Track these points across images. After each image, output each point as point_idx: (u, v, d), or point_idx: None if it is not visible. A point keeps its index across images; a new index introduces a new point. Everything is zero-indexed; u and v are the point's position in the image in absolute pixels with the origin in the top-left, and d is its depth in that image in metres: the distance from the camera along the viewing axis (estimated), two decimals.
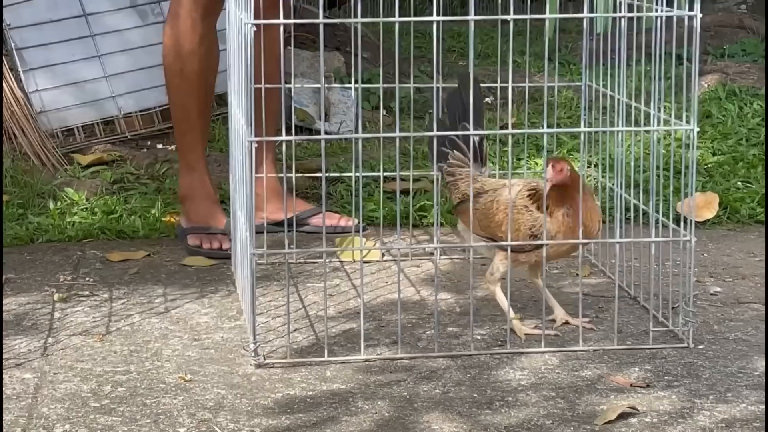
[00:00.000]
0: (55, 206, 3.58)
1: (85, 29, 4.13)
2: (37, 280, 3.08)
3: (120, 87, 4.15)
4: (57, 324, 2.77)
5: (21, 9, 4.05)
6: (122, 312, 2.84)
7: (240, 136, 2.69)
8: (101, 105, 4.13)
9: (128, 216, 3.53)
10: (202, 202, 3.31)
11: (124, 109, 4.15)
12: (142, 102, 4.17)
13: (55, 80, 4.07)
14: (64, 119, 4.08)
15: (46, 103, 4.05)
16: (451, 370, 2.48)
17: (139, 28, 4.19)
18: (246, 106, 2.47)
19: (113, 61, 4.15)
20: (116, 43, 4.16)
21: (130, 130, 4.17)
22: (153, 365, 2.51)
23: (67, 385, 2.41)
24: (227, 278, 3.08)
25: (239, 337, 2.67)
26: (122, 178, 3.84)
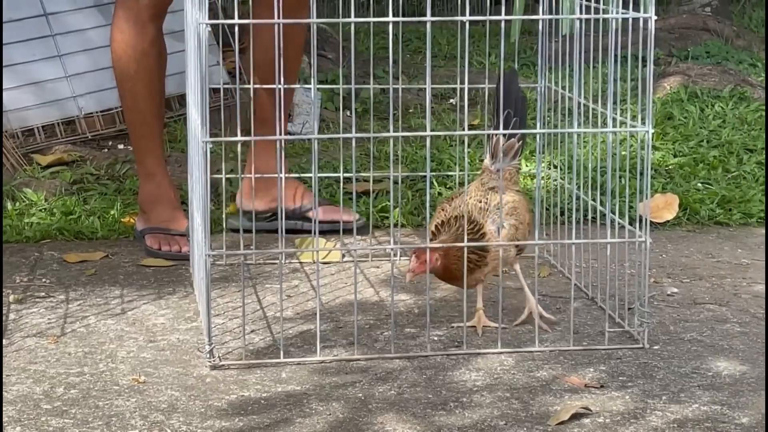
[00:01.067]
0: (13, 207, 3.55)
1: (46, 29, 4.11)
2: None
3: (81, 87, 4.12)
4: (12, 326, 2.75)
5: None
6: (78, 313, 2.82)
7: (196, 136, 2.68)
8: (62, 105, 4.11)
9: (87, 217, 3.51)
10: (163, 206, 3.29)
11: (85, 110, 4.13)
12: (103, 102, 4.15)
13: (15, 80, 4.04)
14: (24, 119, 4.05)
15: (5, 103, 4.02)
16: (407, 371, 2.47)
17: (100, 28, 4.16)
18: (201, 106, 2.46)
19: (74, 61, 4.13)
20: (77, 42, 4.14)
21: (91, 130, 4.14)
22: (107, 367, 2.50)
23: (19, 387, 2.39)
24: (185, 279, 3.07)
25: (195, 338, 2.66)
26: (82, 179, 3.82)
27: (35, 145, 4.05)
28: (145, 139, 3.26)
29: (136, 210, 3.56)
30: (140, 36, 3.16)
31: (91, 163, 3.94)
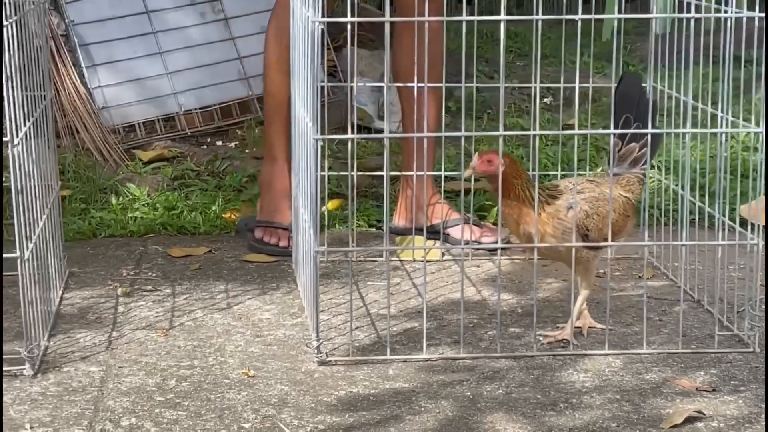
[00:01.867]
0: (117, 201, 3.61)
1: (147, 26, 4.16)
2: (101, 274, 3.10)
3: (180, 84, 4.18)
4: (121, 318, 2.79)
5: (84, 5, 4.09)
6: (185, 307, 2.86)
7: (305, 134, 2.69)
8: (162, 102, 4.16)
9: (189, 212, 3.55)
10: (275, 191, 3.31)
11: (185, 106, 4.18)
12: (202, 99, 4.20)
13: (117, 77, 4.11)
14: (126, 115, 4.11)
15: (108, 99, 4.09)
16: (514, 370, 2.47)
17: (200, 26, 4.22)
18: (313, 104, 2.48)
19: (174, 58, 4.18)
20: (177, 40, 4.19)
21: (190, 126, 4.19)
22: (216, 360, 2.53)
23: (132, 378, 2.43)
24: (288, 275, 3.09)
25: (301, 334, 2.68)
26: (183, 175, 3.87)
27: (136, 140, 4.10)
28: (275, 125, 3.30)
29: (237, 206, 3.61)
30: (279, 28, 3.22)
31: (191, 159, 3.99)
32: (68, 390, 2.37)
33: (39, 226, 2.62)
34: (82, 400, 2.32)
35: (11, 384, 2.39)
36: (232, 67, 4.25)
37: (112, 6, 4.13)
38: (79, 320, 2.77)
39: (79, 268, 3.14)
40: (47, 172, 2.84)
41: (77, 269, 3.13)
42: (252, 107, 4.27)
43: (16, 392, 2.35)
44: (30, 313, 2.44)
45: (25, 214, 2.45)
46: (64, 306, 2.87)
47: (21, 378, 2.42)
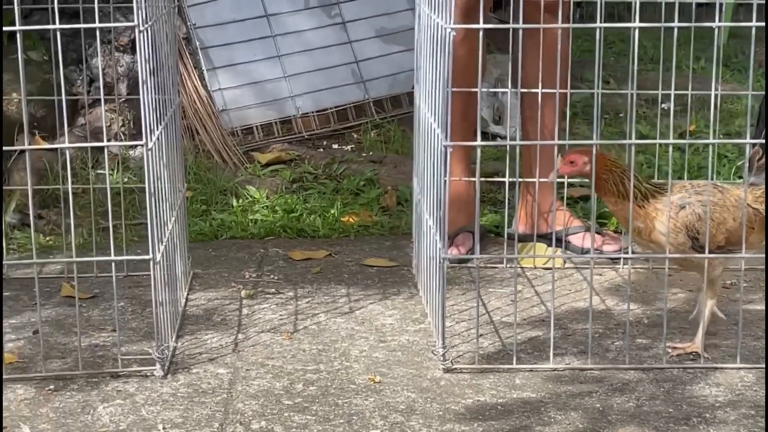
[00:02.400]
0: (238, 204, 3.64)
1: (267, 30, 4.20)
2: (224, 276, 3.13)
3: (298, 87, 4.20)
4: (245, 320, 2.81)
5: (205, 9, 4.14)
6: (308, 311, 2.87)
7: (431, 140, 2.68)
8: (280, 104, 4.19)
9: (308, 215, 3.57)
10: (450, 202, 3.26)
11: (302, 109, 4.20)
12: (319, 102, 4.21)
13: (236, 79, 4.14)
14: (245, 118, 4.15)
15: (227, 102, 4.13)
16: (644, 383, 2.43)
17: (319, 29, 4.24)
18: (444, 111, 2.47)
19: (292, 61, 4.20)
20: (296, 43, 4.21)
21: (307, 129, 4.21)
22: (342, 365, 2.53)
23: (259, 381, 2.45)
24: (408, 280, 3.09)
25: (425, 340, 2.67)
26: (301, 178, 3.88)
27: (254, 143, 4.13)
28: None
29: (356, 209, 3.61)
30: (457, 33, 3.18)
31: (308, 162, 4.01)
32: (198, 391, 2.39)
33: (169, 228, 2.65)
34: (212, 402, 2.34)
35: (142, 384, 2.43)
36: (349, 70, 4.26)
37: (232, 9, 4.17)
38: (205, 322, 2.80)
39: (203, 269, 3.18)
40: (175, 174, 2.88)
41: (200, 270, 3.16)
42: (368, 110, 4.27)
43: (148, 392, 2.38)
44: (160, 314, 2.47)
45: (157, 217, 2.48)
46: (190, 307, 2.90)
47: (152, 378, 2.45)
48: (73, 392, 2.39)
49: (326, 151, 4.15)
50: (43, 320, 2.78)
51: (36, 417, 2.27)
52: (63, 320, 2.80)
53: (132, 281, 3.06)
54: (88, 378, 2.45)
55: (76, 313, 2.81)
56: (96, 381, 2.44)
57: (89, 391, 2.39)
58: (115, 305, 2.54)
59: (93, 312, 2.85)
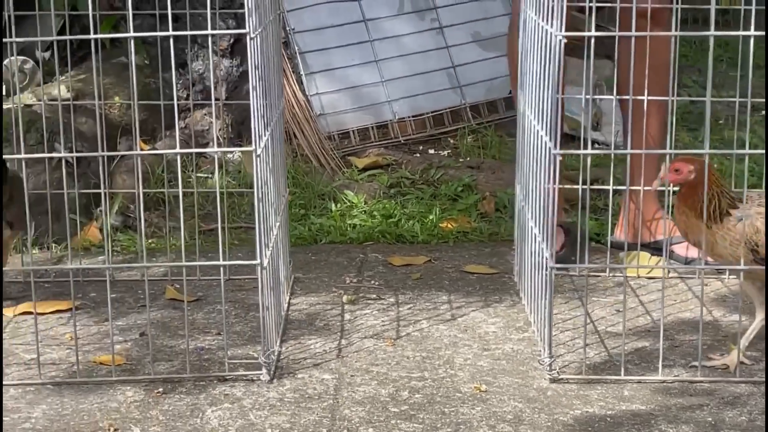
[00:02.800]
0: (336, 208, 3.65)
1: (364, 34, 4.20)
2: (324, 281, 3.14)
3: (395, 92, 4.20)
4: (348, 326, 2.81)
5: (304, 14, 4.16)
6: (410, 317, 2.86)
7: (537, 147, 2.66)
8: (377, 109, 4.19)
9: (406, 220, 3.56)
10: None
11: (399, 114, 4.20)
12: (415, 107, 4.21)
13: (334, 84, 4.16)
14: (342, 122, 4.16)
15: (324, 106, 4.14)
16: (755, 396, 2.38)
17: (416, 34, 4.24)
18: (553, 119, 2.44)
19: (389, 66, 4.21)
20: (393, 48, 4.22)
21: (403, 134, 4.21)
22: (447, 373, 2.52)
23: (365, 388, 2.44)
24: (510, 288, 3.07)
25: (529, 349, 2.65)
26: (398, 182, 3.88)
27: (350, 147, 4.14)
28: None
29: (454, 215, 3.60)
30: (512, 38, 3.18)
31: (405, 167, 4.00)
32: (304, 397, 2.40)
33: (274, 234, 2.67)
34: (318, 408, 2.34)
35: (249, 388, 2.44)
36: (446, 75, 4.25)
37: (330, 14, 4.18)
38: (308, 326, 2.81)
39: (303, 273, 3.19)
40: (279, 179, 2.89)
41: (301, 275, 3.17)
42: (464, 116, 4.26)
43: (255, 397, 2.40)
44: (267, 319, 2.48)
45: (265, 222, 2.50)
46: (292, 312, 2.91)
47: (258, 383, 2.46)
48: (181, 395, 2.41)
49: (422, 156, 4.14)
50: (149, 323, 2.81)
51: (146, 419, 2.30)
52: (168, 323, 2.83)
53: (234, 285, 3.08)
54: (196, 381, 2.47)
55: (181, 316, 2.85)
56: (203, 384, 2.46)
57: (197, 395, 2.41)
58: (223, 310, 2.55)
59: (197, 315, 2.88)
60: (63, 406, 2.36)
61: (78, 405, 2.36)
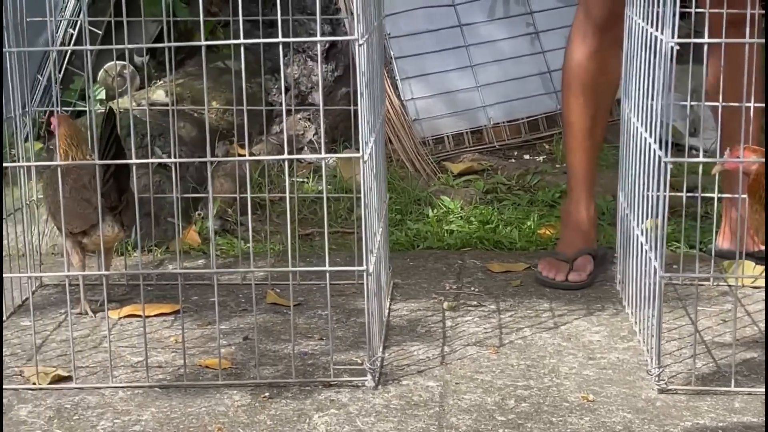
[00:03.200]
0: (433, 214, 3.64)
1: (460, 39, 4.20)
2: (423, 287, 3.13)
3: (490, 97, 4.18)
4: (450, 332, 2.80)
5: (400, 19, 4.16)
6: (512, 324, 2.85)
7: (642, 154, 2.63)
8: (472, 114, 4.18)
9: (504, 226, 3.54)
10: (567, 226, 3.20)
11: (493, 119, 4.18)
12: (510, 113, 4.19)
13: (429, 89, 4.16)
14: (436, 127, 4.15)
15: (419, 111, 4.14)
16: None
17: (511, 40, 4.22)
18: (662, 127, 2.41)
19: (485, 71, 4.19)
20: (488, 53, 4.20)
21: (498, 140, 4.19)
22: (552, 382, 2.50)
23: (470, 396, 2.43)
24: (612, 296, 3.04)
25: (635, 358, 2.62)
26: (494, 188, 3.87)
27: (445, 153, 4.14)
28: (572, 153, 3.19)
29: (552, 222, 3.57)
30: (579, 46, 3.11)
31: (501, 172, 3.99)
32: (410, 404, 2.39)
33: (378, 240, 2.67)
34: (425, 415, 2.34)
35: (354, 394, 2.44)
36: (541, 80, 4.23)
37: (426, 20, 4.18)
38: (410, 333, 2.80)
39: (402, 279, 3.18)
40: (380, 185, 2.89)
41: (400, 280, 3.17)
42: (559, 121, 4.23)
43: (361, 403, 2.40)
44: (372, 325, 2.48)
45: (370, 228, 2.50)
46: (393, 317, 2.91)
47: (363, 389, 2.46)
48: (287, 400, 2.42)
49: (518, 161, 4.12)
50: (251, 327, 2.83)
51: (254, 424, 2.31)
52: (271, 327, 2.85)
53: (334, 289, 3.08)
54: (301, 386, 2.48)
55: (283, 321, 2.87)
56: (309, 389, 2.47)
57: (303, 400, 2.42)
58: (329, 316, 2.55)
59: (299, 320, 2.89)
60: (171, 409, 2.38)
61: (186, 408, 2.38)
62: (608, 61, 3.09)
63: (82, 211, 2.74)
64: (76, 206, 2.73)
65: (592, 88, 3.12)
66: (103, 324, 2.86)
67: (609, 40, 3.08)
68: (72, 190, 2.78)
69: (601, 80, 3.11)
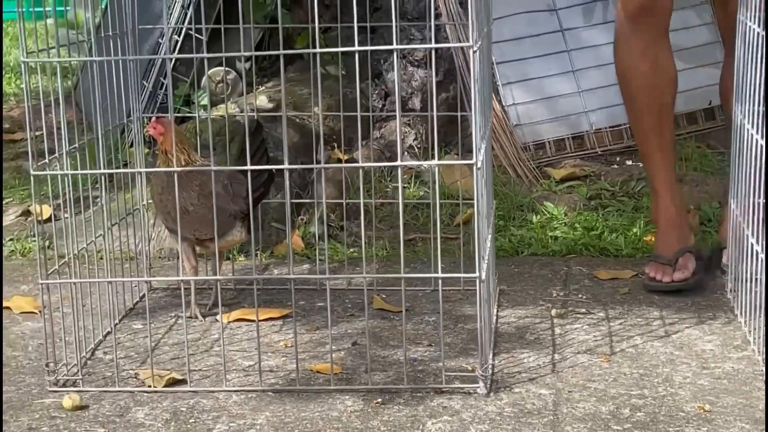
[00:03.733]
0: (537, 220, 3.62)
1: (561, 44, 4.17)
2: (530, 293, 3.12)
3: (592, 102, 4.15)
4: (559, 340, 2.79)
5: (503, 24, 4.15)
6: (622, 332, 2.82)
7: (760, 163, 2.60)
8: (573, 120, 4.16)
9: (609, 233, 3.52)
10: (660, 226, 3.18)
11: (596, 125, 4.15)
12: (613, 118, 4.16)
13: (530, 94, 4.14)
14: (537, 133, 4.14)
15: (520, 117, 4.13)
16: None
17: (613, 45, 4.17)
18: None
19: (587, 76, 4.16)
20: (590, 58, 4.17)
21: (600, 145, 4.16)
22: (667, 391, 2.47)
23: (584, 404, 2.42)
24: (723, 304, 2.99)
25: (750, 368, 2.58)
26: (598, 194, 3.84)
27: (546, 158, 4.12)
28: (647, 158, 3.15)
29: None
30: (626, 48, 3.05)
31: (604, 178, 3.96)
32: (523, 411, 2.39)
33: (488, 245, 2.66)
34: (539, 424, 2.33)
35: (466, 401, 2.44)
36: None
37: (528, 25, 4.16)
38: (518, 340, 2.80)
39: (508, 285, 3.18)
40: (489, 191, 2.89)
41: (506, 287, 3.17)
42: None
43: (474, 410, 2.40)
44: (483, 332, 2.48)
45: (482, 235, 2.50)
46: (501, 324, 2.90)
47: (475, 396, 2.46)
48: (400, 406, 2.43)
49: (620, 167, 4.09)
50: (359, 332, 2.85)
51: (367, 429, 2.32)
52: (379, 332, 2.86)
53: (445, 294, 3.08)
54: (413, 392, 2.49)
55: (390, 326, 2.89)
56: (420, 396, 2.48)
57: (415, 406, 2.43)
58: (440, 322, 2.55)
59: (406, 326, 2.89)
60: (285, 413, 2.40)
61: (300, 413, 2.40)
62: (659, 56, 3.01)
63: (219, 218, 2.71)
64: (207, 213, 2.73)
65: (650, 90, 3.05)
66: (213, 328, 2.90)
67: (653, 36, 3.00)
68: (200, 197, 2.81)
69: (659, 81, 3.04)
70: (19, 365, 2.70)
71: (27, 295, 3.18)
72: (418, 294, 3.13)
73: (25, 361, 2.72)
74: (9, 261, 3.54)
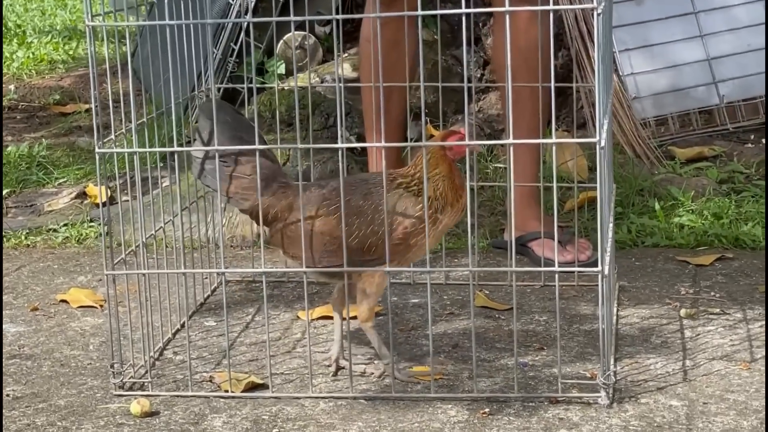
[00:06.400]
0: (660, 206, 3.59)
1: (688, 5, 4.13)
2: (654, 290, 3.10)
3: (723, 72, 4.11)
4: (690, 344, 2.77)
5: None
6: (763, 336, 2.79)
7: None
8: (700, 92, 4.12)
9: (744, 222, 3.48)
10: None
11: (727, 98, 4.11)
12: (747, 89, 4.11)
13: (651, 63, 4.11)
14: (660, 107, 4.11)
15: (640, 88, 4.09)
16: None
17: (748, 5, 4.13)
18: None
19: (717, 41, 4.12)
20: (721, 21, 4.13)
21: (732, 121, 4.12)
22: None
23: (722, 418, 2.40)
24: None
25: None
26: (730, 178, 3.80)
27: (669, 136, 4.09)
28: None
29: None
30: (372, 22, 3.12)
31: (737, 159, 3.91)
32: (652, 425, 2.37)
33: (609, 236, 2.64)
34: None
35: (586, 413, 2.43)
36: None
37: None
38: (643, 343, 2.78)
39: (629, 282, 3.16)
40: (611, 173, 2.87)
41: (626, 283, 3.15)
42: None
43: (595, 423, 2.38)
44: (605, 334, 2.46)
45: (605, 224, 2.48)
46: (623, 326, 2.89)
47: (596, 407, 2.45)
48: (510, 417, 2.42)
49: (756, 146, 4.04)
50: (461, 332, 2.85)
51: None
52: (482, 333, 2.86)
53: (550, 291, 3.08)
54: (524, 402, 2.48)
55: (495, 326, 2.89)
56: (533, 406, 2.47)
57: (528, 417, 2.42)
58: (558, 324, 2.54)
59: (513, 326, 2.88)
60: (380, 423, 2.41)
61: (396, 424, 2.41)
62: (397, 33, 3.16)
63: None
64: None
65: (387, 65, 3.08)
66: (295, 326, 2.92)
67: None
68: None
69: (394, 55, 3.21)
70: (80, 365, 2.74)
71: (85, 287, 3.23)
72: (525, 290, 3.13)
73: (86, 362, 2.76)
74: (63, 249, 3.60)
